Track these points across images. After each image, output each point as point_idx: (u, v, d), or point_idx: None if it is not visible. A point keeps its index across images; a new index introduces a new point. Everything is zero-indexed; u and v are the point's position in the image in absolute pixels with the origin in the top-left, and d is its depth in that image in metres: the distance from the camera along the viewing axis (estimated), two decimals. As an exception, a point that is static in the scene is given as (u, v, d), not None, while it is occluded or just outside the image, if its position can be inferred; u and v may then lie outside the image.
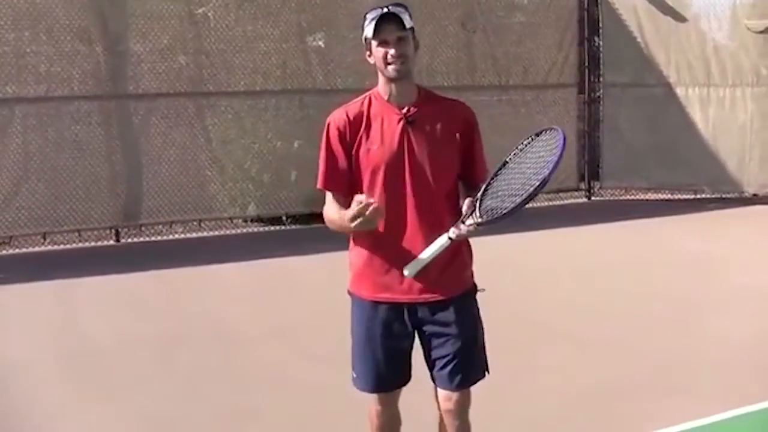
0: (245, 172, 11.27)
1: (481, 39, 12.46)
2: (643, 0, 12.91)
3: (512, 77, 12.80)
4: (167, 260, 9.64)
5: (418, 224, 3.61)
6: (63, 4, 10.16)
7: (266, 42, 11.20)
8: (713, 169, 12.77)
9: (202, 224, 11.37)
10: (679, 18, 12.79)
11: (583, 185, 13.49)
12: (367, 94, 3.74)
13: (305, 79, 11.37)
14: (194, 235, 11.24)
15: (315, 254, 9.30)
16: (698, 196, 13.07)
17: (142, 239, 11.01)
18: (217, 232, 11.38)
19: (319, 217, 3.79)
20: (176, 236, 11.15)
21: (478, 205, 3.50)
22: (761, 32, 12.35)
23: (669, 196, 13.20)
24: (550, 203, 13.02)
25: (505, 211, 3.42)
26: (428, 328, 3.71)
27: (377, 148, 3.62)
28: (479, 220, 3.45)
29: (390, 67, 3.59)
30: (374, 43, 3.59)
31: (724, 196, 12.95)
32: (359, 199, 3.43)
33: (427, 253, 3.51)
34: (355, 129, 3.65)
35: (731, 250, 9.76)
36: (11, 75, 10.08)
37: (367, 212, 3.39)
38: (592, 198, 13.50)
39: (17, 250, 10.38)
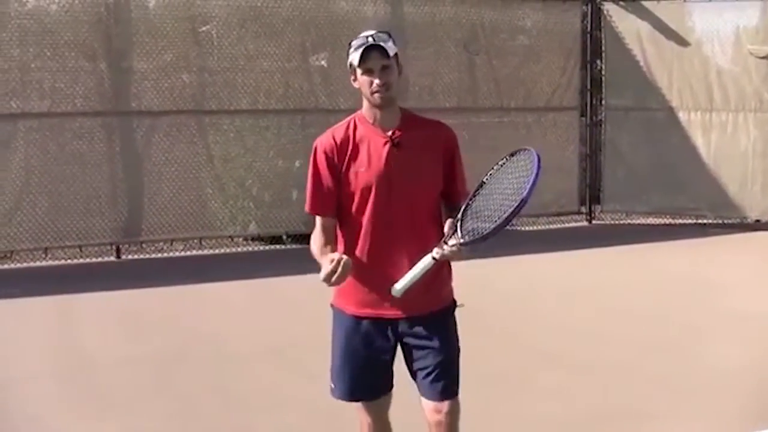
0: (246, 191, 11.28)
1: (484, 61, 12.48)
2: (647, 24, 12.93)
3: (514, 100, 12.82)
4: (167, 277, 9.63)
5: (405, 244, 3.70)
6: (68, 20, 10.21)
7: (269, 61, 11.23)
8: (715, 194, 12.76)
9: (203, 242, 11.36)
10: (683, 42, 12.81)
11: (583, 209, 13.44)
12: (352, 117, 3.82)
13: (308, 99, 11.40)
14: (195, 252, 11.23)
15: (314, 274, 9.25)
16: (700, 221, 13.03)
17: (142, 256, 11.01)
18: (217, 251, 11.37)
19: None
20: (177, 254, 11.15)
21: (459, 225, 3.56)
22: (764, 57, 12.36)
23: (670, 221, 13.17)
24: (550, 226, 13.02)
25: (486, 232, 3.48)
26: (410, 341, 3.80)
27: (365, 170, 3.72)
28: (461, 240, 3.51)
29: (375, 95, 3.68)
30: (359, 70, 3.68)
31: (726, 221, 12.91)
32: (333, 257, 3.54)
33: (413, 273, 3.54)
34: (343, 152, 3.74)
35: (733, 276, 9.74)
36: (16, 90, 10.12)
37: (339, 268, 3.50)
38: (593, 222, 13.46)
39: (18, 265, 10.38)
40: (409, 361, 3.84)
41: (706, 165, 12.79)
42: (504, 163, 3.64)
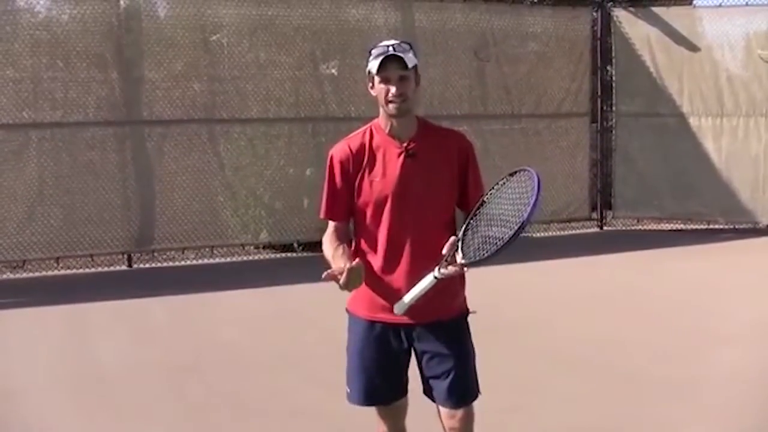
0: (258, 199, 11.30)
1: (494, 68, 12.51)
2: (657, 30, 12.94)
3: (525, 106, 12.84)
4: (179, 286, 9.65)
5: (417, 253, 3.72)
6: (80, 31, 10.27)
7: (280, 69, 11.28)
8: (726, 199, 12.75)
9: (215, 251, 11.39)
10: (693, 48, 12.81)
11: (595, 215, 13.46)
12: (368, 125, 3.85)
13: (318, 107, 11.44)
14: (206, 261, 11.26)
15: (326, 282, 9.29)
16: (711, 227, 13.04)
17: (154, 265, 11.04)
18: (229, 259, 11.39)
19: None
20: (188, 262, 11.18)
21: (460, 245, 3.56)
22: (775, 62, 12.37)
23: (682, 227, 13.16)
24: (562, 233, 13.01)
25: (487, 255, 3.46)
26: (423, 348, 3.82)
27: (379, 180, 3.76)
28: (463, 261, 3.52)
29: (390, 105, 3.70)
30: (377, 78, 3.70)
31: (737, 226, 12.91)
32: (344, 264, 3.54)
33: (415, 291, 3.57)
34: (358, 161, 3.78)
35: (744, 281, 9.71)
36: (28, 101, 10.18)
37: (350, 278, 3.51)
38: (605, 228, 13.46)
39: (30, 274, 10.42)
40: (421, 369, 3.86)
41: (718, 170, 12.78)
42: (504, 183, 3.64)
